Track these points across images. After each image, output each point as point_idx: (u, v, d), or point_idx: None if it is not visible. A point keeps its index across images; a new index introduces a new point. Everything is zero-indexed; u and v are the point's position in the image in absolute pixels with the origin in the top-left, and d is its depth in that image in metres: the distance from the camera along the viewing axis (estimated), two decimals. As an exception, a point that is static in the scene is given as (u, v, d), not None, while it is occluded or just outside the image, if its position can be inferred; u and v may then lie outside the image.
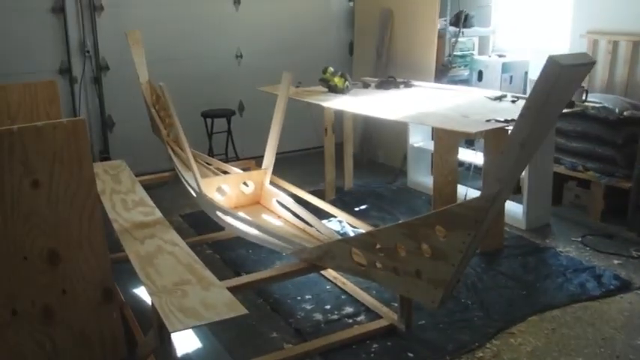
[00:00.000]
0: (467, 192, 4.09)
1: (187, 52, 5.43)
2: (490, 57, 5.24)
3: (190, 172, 3.36)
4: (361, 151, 5.85)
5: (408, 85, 4.66)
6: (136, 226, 2.78)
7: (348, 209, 4.05)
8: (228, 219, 3.02)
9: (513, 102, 3.86)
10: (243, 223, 2.92)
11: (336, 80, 4.47)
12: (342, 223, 4.00)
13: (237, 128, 5.50)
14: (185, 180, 3.54)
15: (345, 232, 3.85)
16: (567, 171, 4.40)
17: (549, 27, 5.12)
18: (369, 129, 5.83)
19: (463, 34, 5.27)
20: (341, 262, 2.22)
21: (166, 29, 5.28)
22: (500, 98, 3.96)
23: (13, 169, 2.26)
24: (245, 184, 3.41)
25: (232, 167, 3.71)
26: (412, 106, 3.82)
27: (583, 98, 3.89)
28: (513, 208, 4.15)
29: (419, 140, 5.03)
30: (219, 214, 3.05)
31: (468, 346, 2.73)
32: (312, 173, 5.43)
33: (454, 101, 3.94)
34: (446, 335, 2.81)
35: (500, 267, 3.50)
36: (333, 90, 4.48)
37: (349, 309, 3.06)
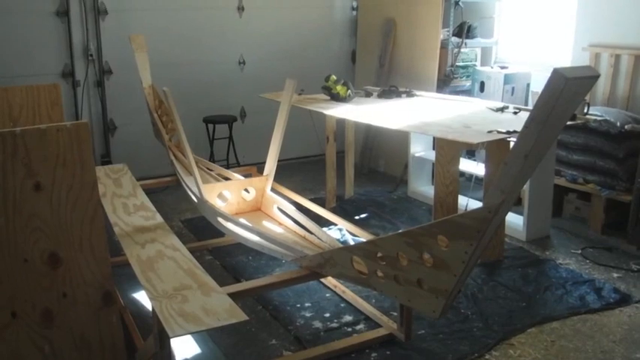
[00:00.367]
0: (468, 202, 4.09)
1: (190, 58, 5.45)
2: (492, 68, 5.25)
3: (192, 177, 3.37)
4: (362, 159, 5.86)
5: (410, 94, 4.67)
6: (137, 230, 2.77)
7: (348, 217, 4.05)
8: (229, 225, 3.01)
9: (515, 113, 3.87)
10: (243, 229, 2.92)
11: (339, 88, 4.48)
12: (342, 231, 4.00)
13: (239, 134, 5.51)
14: (186, 185, 3.54)
15: (345, 240, 3.85)
16: (568, 183, 4.41)
17: (552, 40, 5.14)
18: (371, 138, 5.84)
19: (466, 44, 5.29)
20: (342, 270, 2.22)
21: (170, 34, 5.30)
22: (502, 109, 3.97)
23: (15, 171, 2.25)
24: (246, 190, 3.41)
25: (234, 173, 3.72)
26: (414, 116, 3.82)
27: (585, 111, 3.90)
28: (514, 219, 4.15)
29: (420, 150, 5.05)
30: (220, 220, 3.05)
31: (468, 357, 2.73)
32: (313, 181, 5.44)
33: (456, 111, 3.95)
34: (445, 345, 2.80)
35: (501, 278, 3.50)
36: (336, 98, 4.49)
37: (349, 317, 3.06)
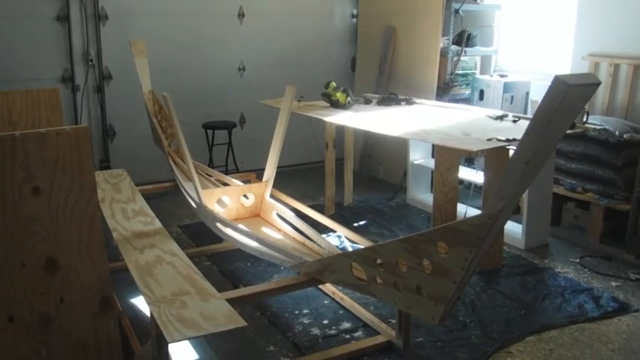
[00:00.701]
0: (467, 210, 4.09)
1: (190, 64, 5.46)
2: (492, 77, 5.27)
3: (191, 182, 3.36)
4: (361, 166, 5.87)
5: (410, 102, 4.68)
6: (136, 236, 2.77)
7: (347, 224, 4.04)
8: (228, 231, 3.01)
9: (515, 122, 3.88)
10: (242, 235, 2.91)
11: (338, 95, 4.49)
12: (340, 238, 3.99)
13: (238, 141, 5.52)
14: (185, 191, 3.53)
15: (344, 247, 3.84)
16: (567, 192, 4.42)
17: (551, 49, 5.16)
18: (370, 145, 5.85)
19: (465, 53, 5.31)
20: (341, 277, 2.21)
21: (170, 40, 5.32)
22: (501, 117, 3.97)
23: (14, 175, 2.25)
24: (245, 196, 3.41)
25: (233, 179, 3.71)
26: (413, 123, 3.83)
27: (584, 120, 3.91)
28: (513, 227, 4.15)
29: (419, 157, 5.05)
30: (219, 225, 3.05)
31: (466, 365, 2.72)
32: (311, 187, 5.44)
33: (455, 119, 3.96)
34: (444, 353, 2.79)
35: (499, 286, 3.49)
36: (335, 105, 4.50)
37: (347, 324, 3.05)
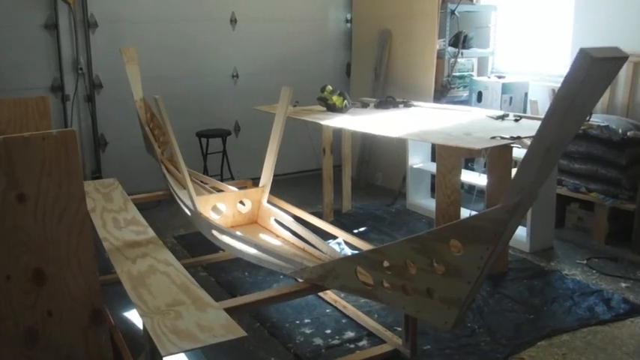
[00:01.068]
0: (470, 214, 3.97)
1: (183, 71, 5.35)
2: (489, 78, 5.19)
3: (185, 190, 3.25)
4: (359, 173, 5.76)
5: (408, 104, 4.59)
6: (128, 245, 2.65)
7: (346, 231, 3.93)
8: (225, 238, 2.89)
9: (516, 121, 3.79)
10: (239, 241, 2.79)
11: (335, 99, 4.40)
12: (340, 245, 3.87)
13: (233, 149, 5.40)
14: (179, 199, 3.41)
15: (344, 254, 3.72)
16: (570, 192, 4.32)
17: (549, 49, 5.09)
18: (367, 150, 5.75)
19: (462, 54, 5.23)
20: (345, 282, 2.10)
21: (162, 47, 5.21)
22: (502, 117, 3.88)
23: (-3, 182, 2.13)
24: (242, 203, 3.29)
25: (228, 186, 3.60)
26: (413, 125, 3.73)
27: (587, 117, 3.82)
28: (517, 230, 4.03)
29: (418, 161, 4.95)
30: (215, 233, 2.93)
31: (477, 373, 2.60)
32: (309, 195, 5.33)
33: (455, 120, 3.86)
34: (452, 361, 2.67)
35: (506, 290, 3.38)
36: (332, 109, 4.40)
37: (351, 333, 2.92)
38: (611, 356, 2.73)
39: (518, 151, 3.96)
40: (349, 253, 3.73)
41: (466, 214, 3.97)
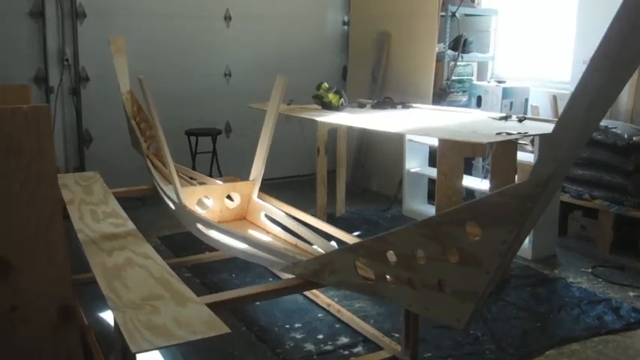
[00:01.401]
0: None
1: (173, 68, 5.16)
2: (489, 83, 5.05)
3: (170, 185, 3.04)
4: (354, 178, 5.56)
5: (406, 106, 4.41)
6: (105, 238, 2.43)
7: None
8: (211, 232, 2.68)
9: (520, 121, 3.62)
10: (226, 235, 2.58)
11: (331, 97, 4.22)
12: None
13: (224, 150, 5.20)
14: (164, 192, 3.20)
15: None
16: (573, 199, 4.15)
17: (550, 55, 4.95)
18: (363, 154, 5.57)
19: (462, 58, 5.08)
20: (343, 277, 1.89)
21: (152, 42, 5.02)
22: (505, 118, 3.72)
23: (-41, 161, 1.93)
24: (230, 198, 3.09)
25: (217, 181, 3.39)
26: (413, 123, 3.56)
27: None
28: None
29: (415, 166, 4.77)
30: (200, 226, 2.72)
31: (481, 383, 2.40)
32: (302, 199, 5.09)
33: (458, 120, 3.69)
34: (455, 370, 2.47)
35: (509, 297, 3.19)
36: (328, 107, 4.23)
37: (345, 339, 2.71)
38: (624, 368, 2.54)
39: (521, 155, 3.80)
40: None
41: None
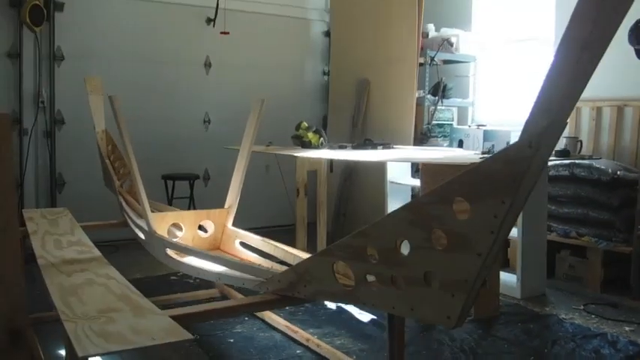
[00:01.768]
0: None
1: (151, 113, 5.08)
2: (470, 127, 5.05)
3: (142, 219, 2.88)
4: (335, 228, 5.39)
5: (387, 146, 4.35)
6: (66, 262, 2.26)
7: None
8: (182, 258, 2.51)
9: (502, 154, 3.57)
10: (198, 257, 2.41)
11: (310, 136, 4.17)
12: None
13: (202, 198, 5.04)
14: (133, 222, 3.04)
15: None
16: (560, 238, 4.05)
17: (529, 98, 4.99)
18: (344, 203, 5.45)
19: (442, 102, 5.10)
20: (320, 286, 1.72)
21: (130, 87, 4.96)
22: (489, 153, 3.67)
23: None
24: (203, 229, 2.93)
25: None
26: (395, 155, 3.49)
27: (578, 149, 3.63)
28: (506, 277, 3.72)
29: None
30: (169, 252, 2.55)
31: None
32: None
33: (442, 155, 3.63)
34: (444, 404, 2.26)
35: (500, 333, 3.01)
36: (307, 146, 4.16)
37: (325, 375, 2.51)
38: (625, 401, 2.35)
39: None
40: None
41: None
